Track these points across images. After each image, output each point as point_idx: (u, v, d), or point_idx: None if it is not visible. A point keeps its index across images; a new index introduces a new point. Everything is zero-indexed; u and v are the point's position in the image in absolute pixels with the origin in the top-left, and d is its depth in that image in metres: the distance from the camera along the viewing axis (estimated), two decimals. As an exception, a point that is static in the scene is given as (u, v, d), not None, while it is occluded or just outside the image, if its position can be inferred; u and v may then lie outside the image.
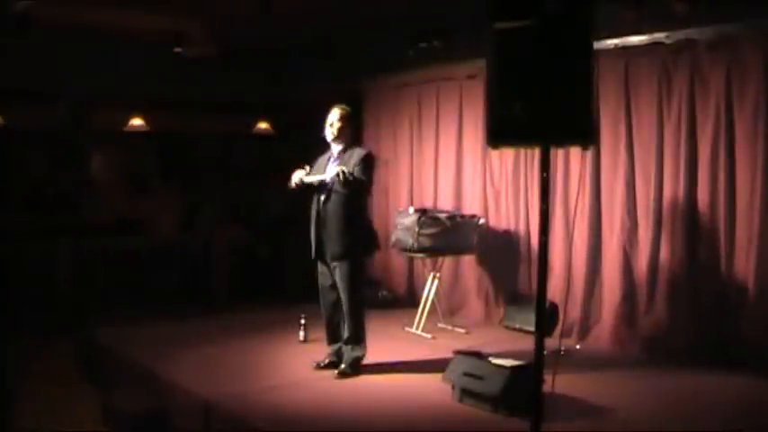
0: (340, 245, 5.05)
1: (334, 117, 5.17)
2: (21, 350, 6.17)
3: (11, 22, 6.43)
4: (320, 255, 5.17)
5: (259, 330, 6.45)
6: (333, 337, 5.32)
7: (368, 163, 5.09)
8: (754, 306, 5.23)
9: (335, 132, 5.15)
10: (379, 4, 6.60)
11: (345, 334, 5.20)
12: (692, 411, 4.43)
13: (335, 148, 5.20)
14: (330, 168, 5.11)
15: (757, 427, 4.23)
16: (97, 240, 8.21)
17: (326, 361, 5.28)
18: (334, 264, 5.11)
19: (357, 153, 5.12)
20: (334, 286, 5.18)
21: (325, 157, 5.27)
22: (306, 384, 4.97)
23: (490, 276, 7.13)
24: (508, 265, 6.94)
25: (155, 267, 8.46)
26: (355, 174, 4.96)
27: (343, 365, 5.16)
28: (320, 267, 5.24)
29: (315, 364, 5.27)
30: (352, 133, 5.30)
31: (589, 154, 6.03)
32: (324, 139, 5.24)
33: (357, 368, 5.16)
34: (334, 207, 5.05)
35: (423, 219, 6.43)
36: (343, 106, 5.25)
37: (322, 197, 5.09)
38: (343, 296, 5.13)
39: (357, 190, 5.03)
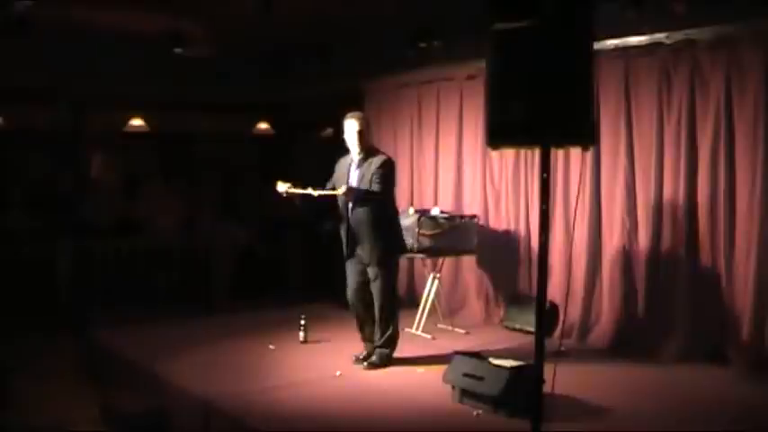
0: (372, 252, 5.20)
1: (354, 128, 5.23)
2: (21, 350, 6.17)
3: (11, 22, 6.42)
4: (352, 255, 5.33)
5: (259, 330, 6.44)
6: (365, 335, 5.46)
7: (386, 172, 5.18)
8: (754, 306, 5.23)
9: (359, 143, 5.23)
10: (379, 4, 6.59)
11: (377, 332, 5.37)
12: (691, 412, 4.43)
13: (356, 156, 5.27)
14: (353, 175, 5.25)
15: (757, 429, 4.22)
16: (97, 240, 8.21)
17: (364, 353, 5.43)
18: (369, 269, 5.26)
19: (376, 161, 5.20)
20: (362, 288, 5.33)
21: (346, 162, 5.34)
22: (305, 384, 4.97)
23: (490, 277, 7.13)
24: (508, 265, 6.94)
25: (155, 267, 8.46)
26: (373, 184, 5.11)
27: (373, 357, 5.36)
28: (349, 267, 5.36)
29: (354, 358, 5.39)
30: (371, 136, 5.43)
31: (589, 154, 6.03)
32: (323, 141, 5.25)
33: (386, 362, 5.36)
34: (362, 215, 5.18)
35: (423, 219, 6.43)
36: (358, 114, 5.34)
37: (349, 205, 5.22)
38: (376, 298, 5.27)
39: (377, 200, 5.15)
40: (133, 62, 8.30)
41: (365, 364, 5.32)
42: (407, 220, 6.53)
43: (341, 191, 5.08)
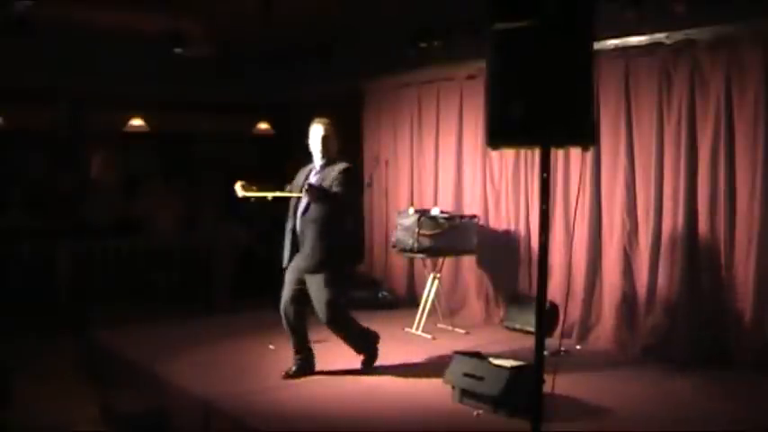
0: (313, 258, 4.97)
1: (319, 134, 5.09)
2: (21, 350, 6.17)
3: (11, 22, 6.43)
4: (291, 261, 5.12)
5: (259, 330, 6.43)
6: (297, 345, 5.18)
7: (346, 177, 5.01)
8: (753, 306, 5.23)
9: (322, 149, 5.09)
10: (379, 4, 6.60)
11: (352, 349, 5.25)
12: (691, 412, 4.43)
13: (318, 162, 5.14)
14: (311, 180, 5.07)
15: (758, 429, 4.22)
16: (97, 240, 8.22)
17: (294, 368, 5.14)
18: (308, 276, 5.02)
19: (337, 167, 5.05)
20: (297, 297, 5.09)
21: (307, 169, 5.22)
22: (306, 384, 4.97)
23: (490, 277, 7.13)
24: (508, 265, 6.94)
25: (155, 267, 8.46)
26: (333, 188, 4.95)
27: (362, 359, 5.28)
28: (288, 275, 5.15)
29: (284, 374, 5.11)
30: (335, 144, 5.18)
31: (589, 154, 6.03)
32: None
33: (370, 351, 5.30)
34: (312, 220, 4.99)
35: (422, 219, 6.43)
36: (325, 120, 5.15)
37: (300, 207, 5.05)
38: (319, 311, 5.02)
39: (334, 204, 4.97)
40: (133, 62, 8.31)
41: (361, 367, 5.23)
42: (407, 220, 6.54)
43: (304, 189, 4.87)
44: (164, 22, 7.07)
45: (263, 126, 9.87)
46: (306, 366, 5.15)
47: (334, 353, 5.39)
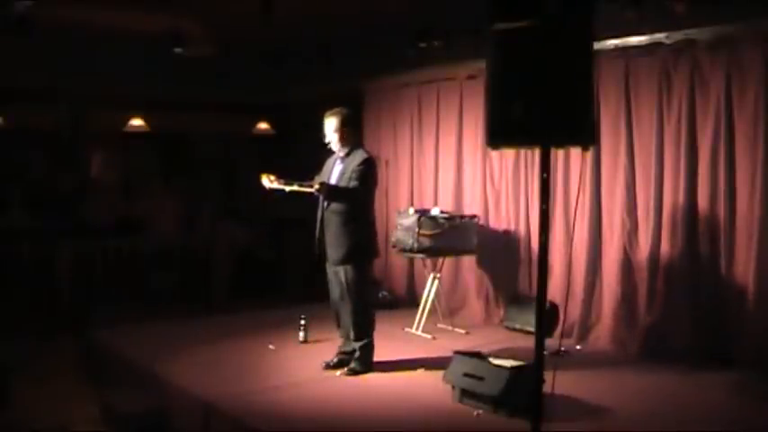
0: (339, 250, 5.07)
1: (333, 125, 5.12)
2: (21, 350, 6.17)
3: (11, 22, 6.43)
4: (324, 255, 5.21)
5: (259, 331, 6.44)
6: (344, 334, 5.32)
7: (365, 169, 5.05)
8: (753, 306, 5.23)
9: (339, 140, 5.13)
10: (379, 4, 6.59)
11: (352, 336, 5.22)
12: (692, 412, 4.43)
13: (341, 151, 5.18)
14: (335, 171, 5.15)
15: (758, 428, 4.22)
16: (97, 240, 8.21)
17: (335, 360, 5.29)
18: (337, 268, 5.13)
19: (357, 158, 5.09)
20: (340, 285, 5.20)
21: (333, 159, 5.28)
22: (306, 385, 4.97)
23: (490, 277, 7.13)
24: (508, 265, 6.94)
25: (155, 267, 8.46)
26: (351, 182, 5.00)
27: (352, 364, 5.20)
28: (328, 270, 5.27)
29: (324, 365, 5.26)
30: (353, 132, 5.25)
31: (589, 154, 6.03)
32: (323, 141, 5.20)
33: (366, 366, 5.19)
34: (334, 212, 5.07)
35: (423, 219, 6.43)
36: (339, 110, 5.16)
37: (325, 201, 5.11)
38: (347, 301, 5.14)
39: (353, 199, 5.03)
40: (133, 62, 8.30)
41: (345, 370, 5.19)
42: (407, 220, 6.54)
43: (315, 187, 4.95)
44: (164, 22, 7.07)
45: (263, 126, 9.87)
46: (347, 362, 5.24)
47: (334, 353, 5.38)
